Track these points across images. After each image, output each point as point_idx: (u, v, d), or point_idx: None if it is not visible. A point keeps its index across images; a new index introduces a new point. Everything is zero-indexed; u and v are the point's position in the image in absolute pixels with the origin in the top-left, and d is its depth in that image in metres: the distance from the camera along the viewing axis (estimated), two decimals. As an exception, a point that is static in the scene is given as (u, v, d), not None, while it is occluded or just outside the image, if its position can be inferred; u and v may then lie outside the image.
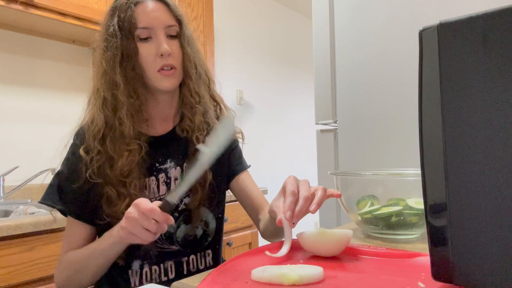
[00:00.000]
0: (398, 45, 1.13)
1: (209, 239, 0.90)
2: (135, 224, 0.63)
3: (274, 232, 0.85)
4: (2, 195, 1.68)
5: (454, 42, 0.35)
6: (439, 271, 0.38)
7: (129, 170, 0.78)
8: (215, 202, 0.91)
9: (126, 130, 0.78)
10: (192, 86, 0.86)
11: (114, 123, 0.79)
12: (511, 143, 0.32)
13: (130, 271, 0.82)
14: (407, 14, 1.12)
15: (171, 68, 0.80)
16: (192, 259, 0.87)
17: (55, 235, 1.34)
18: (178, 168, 0.86)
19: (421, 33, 0.38)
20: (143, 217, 0.62)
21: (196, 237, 0.88)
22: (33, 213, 1.44)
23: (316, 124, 1.31)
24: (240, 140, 0.99)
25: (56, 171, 0.85)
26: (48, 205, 0.83)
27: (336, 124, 1.27)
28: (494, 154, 0.33)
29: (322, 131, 1.31)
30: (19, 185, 1.73)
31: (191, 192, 0.86)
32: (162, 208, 0.62)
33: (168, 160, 0.86)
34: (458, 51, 0.35)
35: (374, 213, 0.68)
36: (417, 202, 0.66)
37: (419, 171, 0.38)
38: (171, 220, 0.64)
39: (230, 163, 0.96)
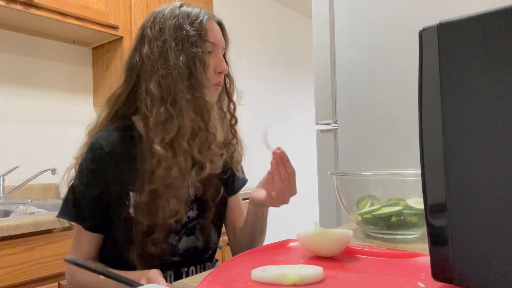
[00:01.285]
0: (398, 45, 1.13)
1: (210, 252, 0.92)
2: None
3: (246, 248, 0.93)
4: (2, 195, 1.68)
5: (454, 42, 0.35)
6: (439, 271, 0.38)
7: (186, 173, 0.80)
8: (217, 216, 0.93)
9: (186, 132, 0.79)
10: (222, 105, 0.92)
11: (181, 124, 0.78)
12: (511, 143, 0.32)
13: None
14: (407, 14, 1.12)
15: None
16: (192, 270, 0.88)
17: (55, 235, 1.34)
18: None
19: (421, 33, 0.37)
20: None
21: (197, 249, 0.89)
22: (33, 213, 1.44)
23: (316, 124, 1.31)
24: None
25: (70, 185, 0.85)
26: (66, 219, 0.84)
27: (336, 124, 1.26)
28: (494, 154, 0.33)
29: (322, 131, 1.31)
30: (19, 185, 1.73)
31: (198, 207, 0.88)
32: None
33: None
34: (458, 51, 0.35)
35: (374, 213, 0.68)
36: (417, 202, 0.66)
37: (419, 171, 0.38)
38: None
39: (234, 180, 0.98)
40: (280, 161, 0.78)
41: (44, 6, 1.59)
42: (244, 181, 1.02)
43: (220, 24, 0.88)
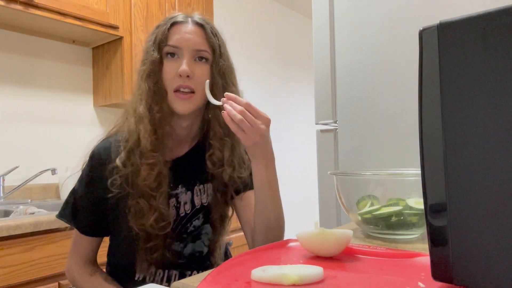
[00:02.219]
0: (398, 45, 1.13)
1: (211, 258, 0.92)
2: None
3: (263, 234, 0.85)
4: (2, 195, 1.68)
5: (454, 42, 0.35)
6: (439, 271, 0.38)
7: (157, 183, 0.80)
8: (223, 221, 0.92)
9: (143, 143, 0.79)
10: (222, 118, 0.83)
11: (138, 136, 0.80)
12: (511, 143, 0.32)
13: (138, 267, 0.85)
14: (407, 14, 1.12)
15: (190, 92, 0.80)
16: (194, 274, 0.88)
17: (55, 235, 1.34)
18: (189, 192, 0.87)
19: (421, 33, 0.37)
20: None
21: (202, 253, 0.89)
22: (33, 213, 1.44)
23: (316, 124, 1.31)
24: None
25: (72, 188, 0.87)
26: (64, 221, 0.87)
27: (336, 124, 1.26)
28: (494, 154, 0.33)
29: (322, 131, 1.31)
30: (19, 185, 1.73)
31: (204, 215, 0.88)
32: None
33: (180, 186, 0.86)
34: (458, 51, 0.35)
35: (374, 213, 0.68)
36: (417, 202, 0.66)
37: (419, 171, 0.38)
38: None
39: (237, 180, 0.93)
40: (231, 102, 0.73)
41: (44, 6, 1.59)
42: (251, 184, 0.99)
43: (201, 26, 0.83)
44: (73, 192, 0.86)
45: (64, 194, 1.82)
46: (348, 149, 1.22)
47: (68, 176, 1.85)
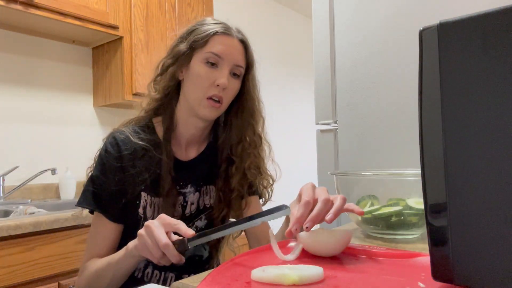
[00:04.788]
0: (398, 45, 1.13)
1: (211, 261, 0.93)
2: (144, 248, 0.64)
3: None
4: (2, 195, 1.68)
5: (454, 42, 0.35)
6: (439, 271, 0.38)
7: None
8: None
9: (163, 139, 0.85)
10: (257, 128, 0.93)
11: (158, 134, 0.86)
12: (511, 143, 0.32)
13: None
14: (407, 14, 1.12)
15: (219, 102, 0.83)
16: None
17: (55, 235, 1.34)
18: (197, 193, 0.88)
19: (421, 33, 0.37)
20: (154, 246, 0.62)
21: (202, 258, 0.90)
22: (33, 213, 1.44)
23: (316, 124, 1.31)
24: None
25: (90, 176, 0.84)
26: (86, 208, 0.82)
27: (336, 124, 1.26)
28: (494, 154, 0.33)
29: (322, 131, 1.31)
30: (19, 185, 1.73)
31: (207, 216, 0.90)
32: (176, 245, 0.62)
33: (189, 185, 0.87)
34: (458, 51, 0.35)
35: (374, 213, 0.68)
36: (417, 202, 0.66)
37: (419, 171, 0.38)
38: (182, 260, 0.63)
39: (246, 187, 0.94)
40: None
41: (44, 6, 1.59)
42: (259, 194, 0.98)
43: (243, 42, 0.87)
44: (92, 178, 0.82)
45: (64, 194, 1.82)
46: (348, 149, 1.22)
47: (67, 173, 1.85)
